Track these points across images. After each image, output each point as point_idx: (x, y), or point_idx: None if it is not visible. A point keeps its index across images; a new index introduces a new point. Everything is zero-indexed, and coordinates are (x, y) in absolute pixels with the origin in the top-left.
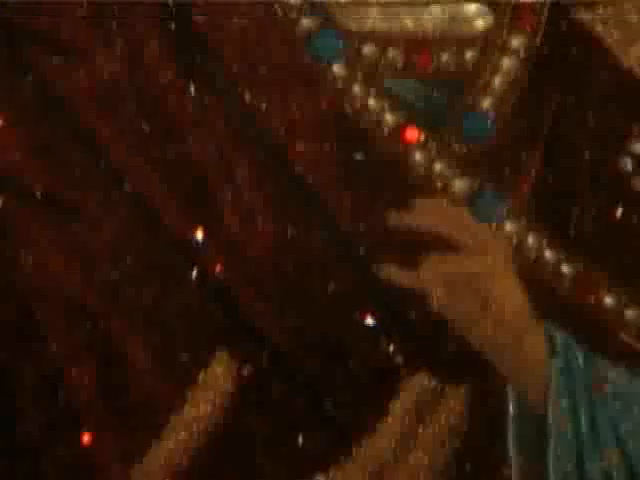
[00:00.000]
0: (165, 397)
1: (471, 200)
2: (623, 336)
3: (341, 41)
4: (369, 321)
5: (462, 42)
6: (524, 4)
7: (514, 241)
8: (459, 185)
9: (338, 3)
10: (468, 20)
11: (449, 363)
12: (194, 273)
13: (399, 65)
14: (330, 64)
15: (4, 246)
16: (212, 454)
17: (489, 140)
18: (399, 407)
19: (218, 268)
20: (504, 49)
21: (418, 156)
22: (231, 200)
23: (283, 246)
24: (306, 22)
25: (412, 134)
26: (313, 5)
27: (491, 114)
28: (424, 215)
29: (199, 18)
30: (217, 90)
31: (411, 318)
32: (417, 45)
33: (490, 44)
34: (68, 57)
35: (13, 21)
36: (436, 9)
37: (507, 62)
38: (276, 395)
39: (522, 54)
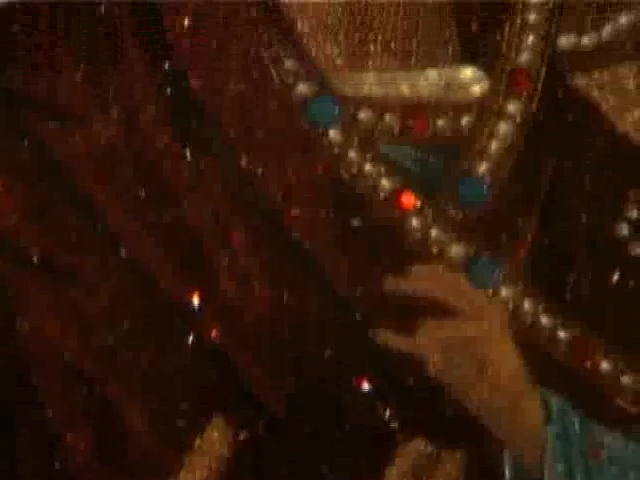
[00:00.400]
0: (162, 462)
1: (467, 265)
2: (619, 402)
3: (337, 107)
4: (366, 386)
5: (458, 107)
6: (520, 69)
7: (510, 306)
8: (455, 250)
9: (334, 69)
10: (464, 86)
11: (446, 428)
12: (190, 338)
13: (395, 130)
14: (326, 129)
15: (1, 311)
16: None
17: (485, 205)
18: (395, 472)
19: (214, 333)
20: (500, 114)
21: (414, 221)
22: (227, 265)
23: (279, 311)
24: (302, 88)
25: (408, 199)
26: (309, 71)
27: (487, 179)
28: (420, 280)
29: (196, 83)
30: (213, 155)
31: (408, 383)
32: (413, 110)
33: (486, 109)
34: (65, 122)
35: (11, 86)
36: (432, 75)
37: (503, 127)
38: (272, 461)
39: (518, 119)
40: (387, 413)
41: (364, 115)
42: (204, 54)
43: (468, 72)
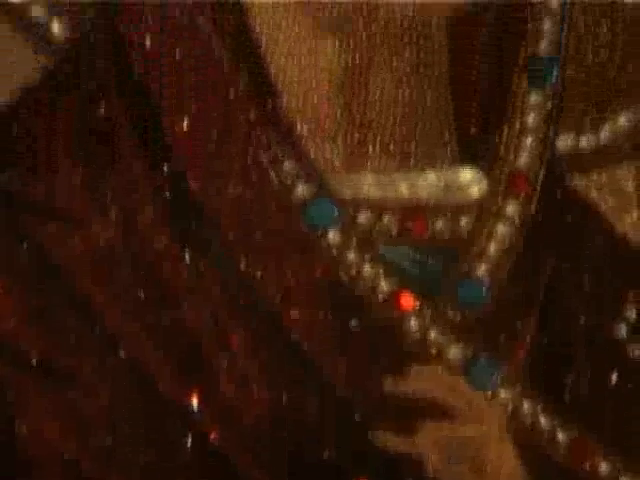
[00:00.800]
0: None
1: (466, 367)
2: None
3: (336, 208)
4: None
5: (457, 209)
6: (519, 171)
7: (509, 408)
8: (454, 352)
9: (333, 170)
10: (463, 187)
11: None
12: (190, 439)
13: (394, 232)
14: (325, 231)
15: (1, 413)
16: None
17: (484, 307)
18: None
19: (213, 435)
20: (499, 216)
21: (413, 323)
22: (226, 367)
23: (279, 413)
24: (301, 189)
25: (407, 301)
26: (308, 173)
27: (486, 281)
28: (420, 382)
29: (195, 184)
30: (212, 257)
31: None
32: (412, 212)
33: (485, 211)
34: (64, 224)
35: (10, 189)
36: (431, 176)
37: (502, 229)
38: None
39: (517, 221)
40: None
41: (363, 216)
42: (203, 156)
43: (467, 174)
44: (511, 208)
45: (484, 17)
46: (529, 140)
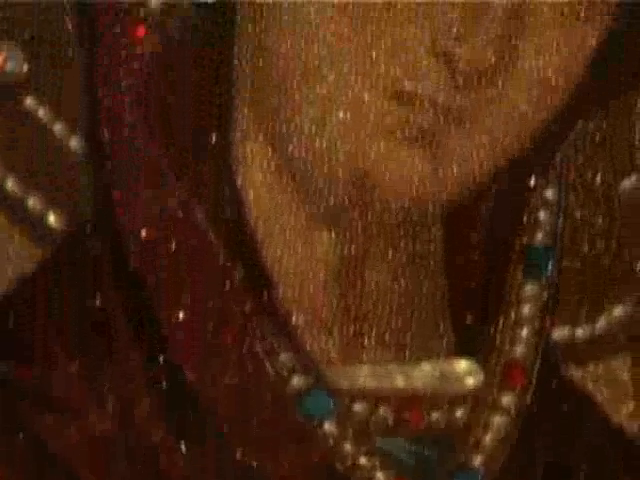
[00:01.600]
0: None
1: None
2: None
3: (332, 400)
4: None
5: (453, 400)
6: (515, 362)
7: None
8: None
9: (329, 362)
10: (459, 378)
11: None
12: None
13: (390, 423)
14: (321, 422)
15: None
16: None
17: None
18: None
19: None
20: (494, 407)
21: None
22: None
23: None
24: (297, 381)
25: None
26: (304, 364)
27: (482, 471)
28: None
29: (191, 375)
30: (208, 448)
31: None
32: (408, 403)
33: (481, 402)
34: (60, 415)
35: (6, 380)
36: (427, 367)
37: (498, 420)
38: None
39: (513, 412)
40: None
41: (359, 407)
42: (199, 347)
43: (462, 365)
44: (507, 399)
45: (480, 207)
46: (525, 331)
